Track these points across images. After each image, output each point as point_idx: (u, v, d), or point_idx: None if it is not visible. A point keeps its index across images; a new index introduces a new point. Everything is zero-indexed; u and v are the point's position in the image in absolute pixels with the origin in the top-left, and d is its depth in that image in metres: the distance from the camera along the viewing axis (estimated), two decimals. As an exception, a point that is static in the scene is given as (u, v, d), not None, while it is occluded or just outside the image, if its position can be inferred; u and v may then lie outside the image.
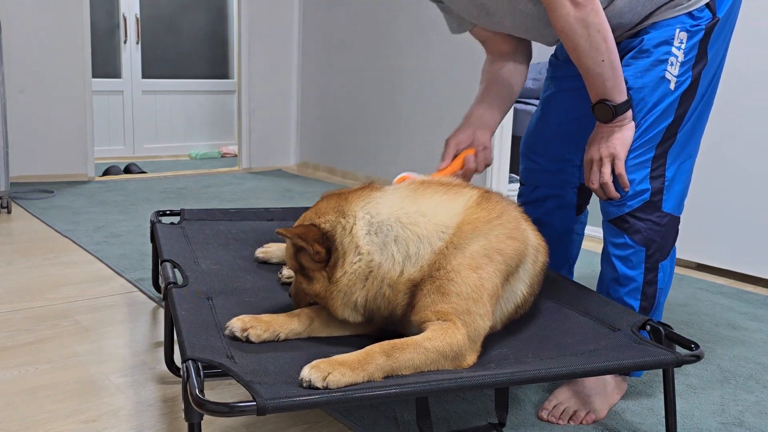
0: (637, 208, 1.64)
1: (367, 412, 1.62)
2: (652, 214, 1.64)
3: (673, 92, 1.61)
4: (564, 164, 1.92)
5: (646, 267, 1.67)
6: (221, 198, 4.20)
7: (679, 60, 1.60)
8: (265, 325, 1.44)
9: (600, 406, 1.64)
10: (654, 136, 1.63)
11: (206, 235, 2.22)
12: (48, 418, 1.57)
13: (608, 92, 1.58)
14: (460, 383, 1.25)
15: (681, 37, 1.60)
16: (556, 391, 1.67)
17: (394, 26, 4.56)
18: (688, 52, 1.60)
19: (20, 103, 4.26)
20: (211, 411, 1.09)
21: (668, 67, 1.60)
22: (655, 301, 1.70)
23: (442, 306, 1.37)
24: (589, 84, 1.60)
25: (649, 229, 1.64)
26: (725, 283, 2.82)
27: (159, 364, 1.86)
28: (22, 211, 3.63)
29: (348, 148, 5.04)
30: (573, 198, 1.96)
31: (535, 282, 1.60)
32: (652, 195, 1.64)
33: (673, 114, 1.63)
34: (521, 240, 1.51)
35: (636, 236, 1.65)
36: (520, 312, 1.59)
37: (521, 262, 1.51)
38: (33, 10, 4.25)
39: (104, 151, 5.80)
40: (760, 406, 1.76)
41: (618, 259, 1.68)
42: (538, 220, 1.93)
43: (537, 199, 1.97)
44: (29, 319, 2.16)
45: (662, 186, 1.64)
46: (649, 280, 1.67)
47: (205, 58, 6.49)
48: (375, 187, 1.52)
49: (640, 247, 1.65)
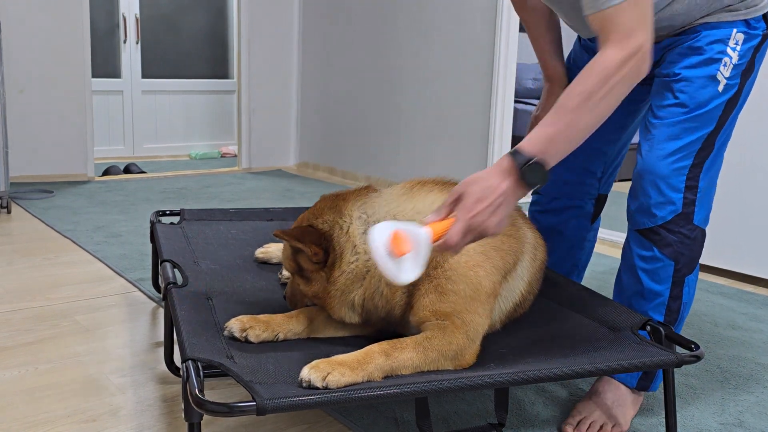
0: (670, 219, 1.55)
1: (366, 412, 1.62)
2: (684, 227, 1.55)
3: (721, 96, 1.54)
4: (585, 176, 1.87)
5: (673, 281, 1.58)
6: (221, 198, 4.20)
7: (733, 62, 1.53)
8: (263, 325, 1.44)
9: (623, 418, 1.60)
10: (695, 141, 1.54)
11: (206, 235, 2.22)
12: (48, 418, 1.57)
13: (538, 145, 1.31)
14: (459, 383, 1.25)
15: (737, 38, 1.52)
16: (579, 405, 1.63)
17: (394, 26, 4.56)
18: (743, 56, 1.53)
19: (20, 103, 4.26)
20: (211, 411, 1.09)
21: (721, 68, 1.52)
22: (679, 315, 1.62)
23: (440, 306, 1.37)
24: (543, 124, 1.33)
25: (680, 242, 1.56)
26: (725, 283, 2.82)
27: (159, 364, 1.86)
28: (22, 211, 3.63)
29: (348, 148, 5.04)
30: (590, 208, 1.92)
31: (533, 280, 1.59)
32: (684, 206, 1.54)
33: (716, 121, 1.55)
34: (518, 238, 1.51)
35: (666, 250, 1.56)
36: (519, 311, 1.59)
37: (519, 259, 1.51)
38: (33, 10, 4.25)
39: (104, 151, 5.80)
40: (760, 407, 1.76)
41: (644, 273, 1.59)
42: (554, 229, 1.91)
43: (555, 209, 1.92)
44: (29, 319, 2.16)
45: (695, 197, 1.55)
46: (675, 294, 1.59)
47: (205, 58, 6.49)
48: (372, 188, 1.52)
49: (670, 261, 1.57)
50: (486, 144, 4.05)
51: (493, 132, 4.00)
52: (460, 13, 4.13)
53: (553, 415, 1.66)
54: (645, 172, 1.56)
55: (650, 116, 1.60)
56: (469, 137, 4.14)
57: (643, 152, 1.58)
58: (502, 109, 3.99)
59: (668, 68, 1.58)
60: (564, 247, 1.94)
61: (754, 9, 1.53)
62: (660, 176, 1.54)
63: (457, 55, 4.16)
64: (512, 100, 4.04)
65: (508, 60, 3.96)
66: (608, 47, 1.31)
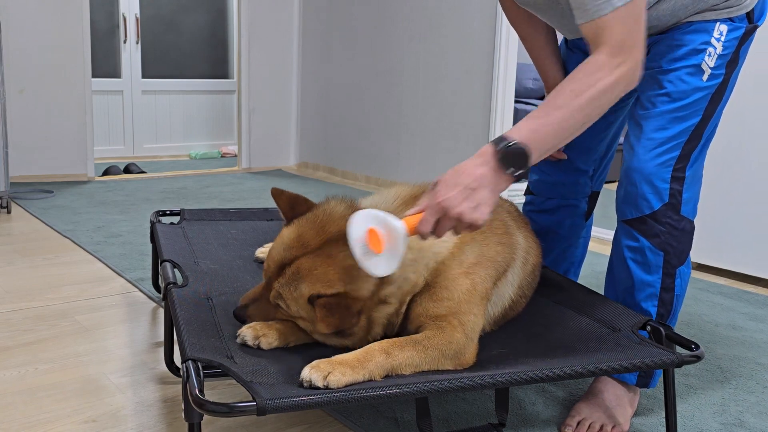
0: (657, 210, 1.55)
1: (367, 412, 1.62)
2: (671, 217, 1.56)
3: (706, 86, 1.54)
4: (578, 174, 1.88)
5: (664, 272, 1.59)
6: (221, 198, 4.19)
7: (717, 52, 1.53)
8: (276, 332, 1.42)
9: (623, 418, 1.60)
10: (682, 132, 1.55)
11: (206, 235, 2.22)
12: (48, 418, 1.57)
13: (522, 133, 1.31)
14: (460, 383, 1.25)
15: (721, 29, 1.53)
16: (577, 406, 1.62)
17: (395, 26, 4.55)
18: (727, 46, 1.54)
19: (20, 103, 4.26)
20: (211, 411, 1.09)
21: (705, 57, 1.53)
22: (673, 308, 1.62)
23: (436, 310, 1.39)
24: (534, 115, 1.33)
25: (668, 233, 1.56)
26: (725, 283, 2.82)
27: (159, 364, 1.85)
28: (22, 211, 3.63)
29: (348, 148, 5.04)
30: (584, 206, 1.94)
31: (524, 284, 1.60)
32: (671, 197, 1.55)
33: (702, 113, 1.56)
34: (509, 245, 1.52)
35: (654, 240, 1.57)
36: (509, 314, 1.60)
37: (509, 266, 1.53)
38: (33, 10, 4.25)
39: (104, 151, 5.80)
40: (761, 407, 1.76)
41: (634, 263, 1.60)
42: (549, 229, 1.92)
43: (549, 209, 1.92)
44: (29, 319, 2.16)
45: (681, 188, 1.56)
46: (667, 286, 1.60)
47: (205, 58, 6.49)
48: (353, 206, 1.44)
49: (659, 251, 1.57)
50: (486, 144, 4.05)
51: (493, 132, 4.00)
52: (460, 14, 4.13)
53: (553, 415, 1.65)
54: (633, 163, 1.57)
55: (638, 108, 1.62)
56: (469, 137, 4.14)
57: (631, 143, 1.59)
58: (502, 109, 3.99)
59: (654, 60, 1.58)
60: (561, 246, 1.95)
61: (737, 8, 1.55)
62: (647, 167, 1.55)
63: (457, 55, 4.16)
64: (512, 100, 4.04)
65: (508, 60, 3.96)
66: (601, 52, 1.31)
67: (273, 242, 1.45)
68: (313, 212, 1.43)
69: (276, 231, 2.26)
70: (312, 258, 1.35)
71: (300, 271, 1.34)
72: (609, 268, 1.70)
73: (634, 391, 1.65)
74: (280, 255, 1.38)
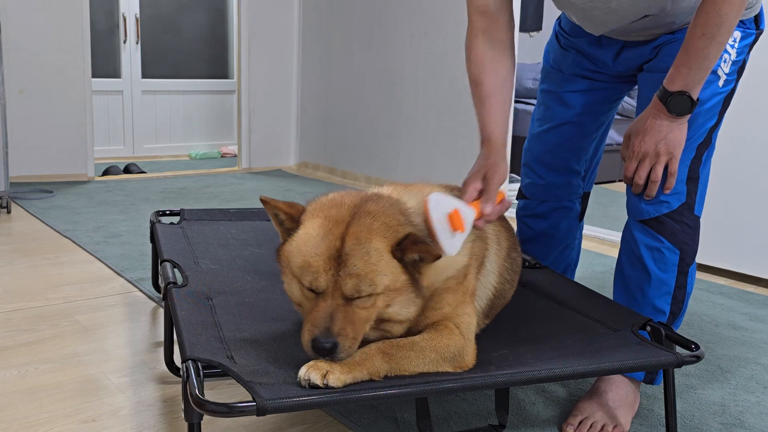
0: (676, 209, 1.58)
1: (367, 412, 1.62)
2: (688, 217, 1.59)
3: (721, 91, 1.56)
4: (571, 176, 1.88)
5: (679, 271, 1.61)
6: (221, 198, 4.20)
7: (732, 58, 1.55)
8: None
9: (624, 418, 1.60)
10: (698, 135, 1.57)
11: (206, 235, 2.22)
12: (48, 418, 1.57)
13: (695, 84, 1.45)
14: (460, 384, 1.25)
15: (735, 36, 1.54)
16: (579, 404, 1.62)
17: (394, 26, 4.55)
18: (740, 53, 1.56)
19: (20, 103, 4.26)
20: (211, 411, 1.09)
21: (721, 64, 1.54)
22: (683, 305, 1.64)
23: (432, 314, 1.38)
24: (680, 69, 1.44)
25: (683, 231, 1.59)
26: (725, 283, 2.82)
27: (159, 364, 1.85)
28: (22, 211, 3.63)
29: (348, 148, 5.04)
30: (578, 208, 1.94)
31: (503, 270, 1.59)
32: (687, 196, 1.58)
33: (716, 116, 1.58)
34: (478, 235, 1.50)
35: (672, 239, 1.59)
36: (497, 303, 1.59)
37: (485, 256, 1.52)
38: (33, 10, 4.25)
39: (104, 151, 5.80)
40: (761, 407, 1.76)
41: (653, 262, 1.61)
42: (546, 233, 1.93)
43: (544, 212, 1.93)
44: (29, 319, 2.16)
45: (696, 188, 1.59)
46: (680, 284, 1.62)
47: (205, 58, 6.49)
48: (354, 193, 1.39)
49: (676, 250, 1.59)
50: (486, 144, 4.05)
51: (493, 132, 4.00)
52: (460, 13, 4.13)
53: (553, 415, 1.65)
54: None
55: None
56: (469, 137, 4.14)
57: None
58: (502, 109, 3.99)
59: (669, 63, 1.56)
60: (558, 249, 1.95)
61: (748, 11, 1.56)
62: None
63: (458, 55, 4.16)
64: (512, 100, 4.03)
65: (508, 60, 3.95)
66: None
67: (293, 253, 1.27)
68: (317, 201, 1.37)
69: (276, 231, 2.25)
70: (358, 223, 1.23)
71: (360, 238, 1.21)
72: (618, 266, 1.71)
73: (636, 393, 1.65)
74: (323, 246, 1.22)
